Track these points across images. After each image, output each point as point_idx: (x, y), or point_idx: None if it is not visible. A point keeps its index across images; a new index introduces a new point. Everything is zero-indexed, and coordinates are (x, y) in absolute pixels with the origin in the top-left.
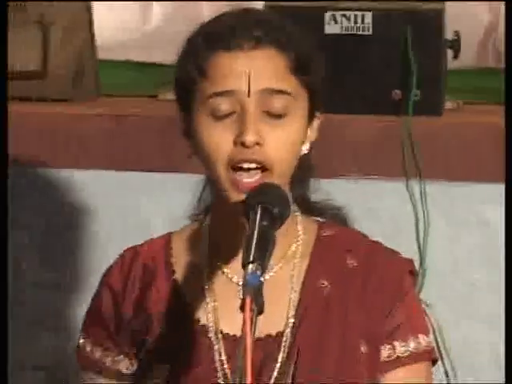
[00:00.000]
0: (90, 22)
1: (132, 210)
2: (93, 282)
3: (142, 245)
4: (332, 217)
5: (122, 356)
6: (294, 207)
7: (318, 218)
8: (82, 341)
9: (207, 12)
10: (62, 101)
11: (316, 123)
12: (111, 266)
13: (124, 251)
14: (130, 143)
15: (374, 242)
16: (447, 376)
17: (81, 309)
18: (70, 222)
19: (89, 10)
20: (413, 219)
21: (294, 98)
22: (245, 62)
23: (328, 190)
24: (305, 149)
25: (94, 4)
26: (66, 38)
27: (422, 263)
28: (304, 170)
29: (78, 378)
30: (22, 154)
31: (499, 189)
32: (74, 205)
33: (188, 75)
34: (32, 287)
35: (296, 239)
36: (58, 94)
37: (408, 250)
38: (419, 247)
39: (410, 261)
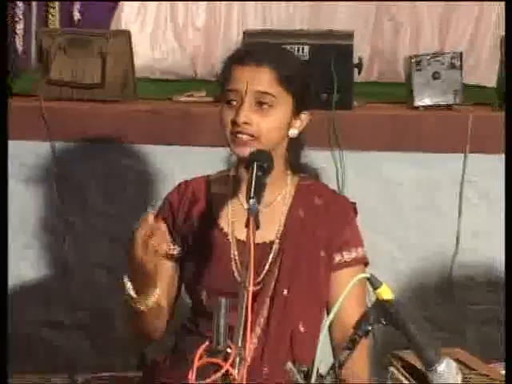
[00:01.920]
0: (131, 54)
1: (164, 166)
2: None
3: (191, 179)
4: (310, 172)
5: (175, 245)
6: (287, 168)
7: (301, 174)
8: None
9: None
10: (114, 101)
11: (304, 118)
12: (172, 191)
13: (180, 183)
14: (156, 128)
15: (332, 190)
16: None
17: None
18: (128, 171)
19: (130, 46)
20: (335, 174)
21: (277, 98)
22: (249, 73)
23: None
24: (293, 133)
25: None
26: (116, 63)
27: None
28: (296, 145)
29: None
30: (94, 135)
31: (394, 155)
32: (129, 164)
33: (222, 77)
34: (98, 216)
35: (286, 187)
36: (111, 97)
37: None
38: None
39: (354, 203)
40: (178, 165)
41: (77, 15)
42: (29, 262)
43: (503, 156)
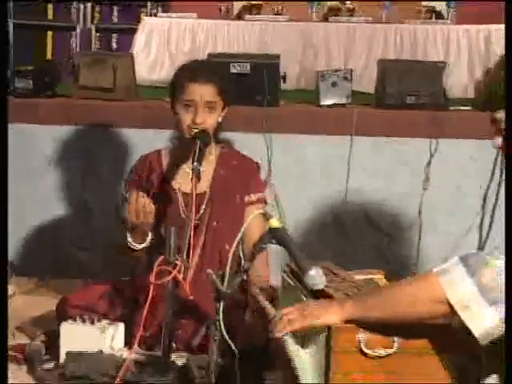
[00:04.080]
0: (133, 68)
1: (146, 143)
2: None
3: (149, 153)
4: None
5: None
6: (213, 142)
7: (221, 145)
8: (124, 192)
9: None
10: (121, 100)
11: (225, 110)
12: (136, 163)
13: (141, 156)
14: (149, 117)
15: (243, 154)
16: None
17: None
18: (131, 146)
19: (133, 63)
20: (266, 152)
21: (217, 103)
22: (199, 88)
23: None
24: (220, 119)
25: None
26: (123, 74)
27: (270, 172)
28: (219, 127)
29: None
30: (108, 123)
31: (305, 137)
32: (131, 141)
33: (175, 90)
34: (108, 175)
35: (211, 154)
36: (119, 97)
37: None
38: (269, 165)
39: (258, 162)
40: (165, 142)
41: (114, 45)
42: (63, 206)
43: (378, 138)
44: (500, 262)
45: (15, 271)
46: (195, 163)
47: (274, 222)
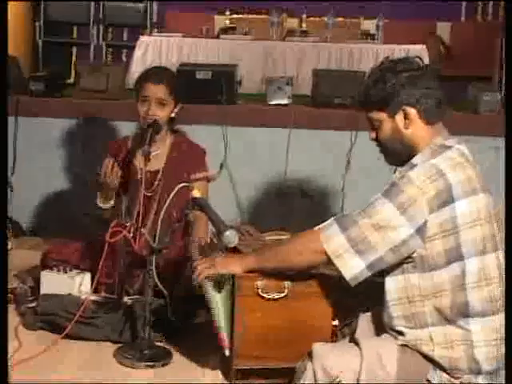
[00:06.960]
0: (124, 76)
1: (129, 131)
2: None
3: (120, 138)
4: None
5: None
6: (167, 130)
7: (175, 134)
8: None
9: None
10: (114, 99)
11: (178, 107)
12: (110, 145)
13: (115, 141)
14: (132, 112)
15: (192, 142)
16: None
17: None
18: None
19: (124, 72)
20: (223, 144)
21: (168, 100)
22: (154, 87)
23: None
24: (173, 114)
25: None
26: (114, 80)
27: (226, 155)
28: (174, 120)
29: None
30: (103, 115)
31: (256, 129)
32: (118, 128)
33: (137, 88)
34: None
35: (166, 141)
36: (111, 97)
37: (220, 156)
38: (225, 154)
39: (204, 148)
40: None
41: (124, 58)
42: (65, 179)
43: (311, 130)
44: (365, 221)
45: (22, 232)
46: (146, 146)
47: (197, 193)
